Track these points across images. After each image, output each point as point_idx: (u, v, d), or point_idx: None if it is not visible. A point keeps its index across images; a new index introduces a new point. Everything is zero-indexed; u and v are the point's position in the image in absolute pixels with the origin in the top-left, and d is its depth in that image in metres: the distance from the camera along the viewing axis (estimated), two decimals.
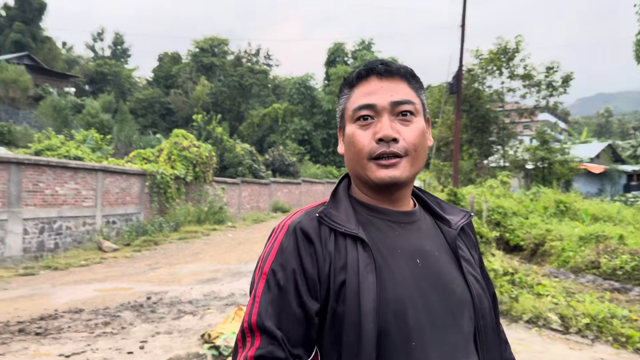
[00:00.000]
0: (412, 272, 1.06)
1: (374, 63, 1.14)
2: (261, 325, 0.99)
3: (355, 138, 1.10)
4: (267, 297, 1.02)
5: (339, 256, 1.04)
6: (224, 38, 50.29)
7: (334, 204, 1.13)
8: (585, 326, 5.74)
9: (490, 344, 1.13)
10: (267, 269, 1.05)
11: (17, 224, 11.31)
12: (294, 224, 1.08)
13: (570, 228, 10.79)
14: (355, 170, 1.13)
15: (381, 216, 1.13)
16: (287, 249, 1.04)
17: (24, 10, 51.66)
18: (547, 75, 24.52)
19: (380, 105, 1.09)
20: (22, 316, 6.50)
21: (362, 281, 1.00)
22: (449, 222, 1.20)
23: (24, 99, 35.91)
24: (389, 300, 1.01)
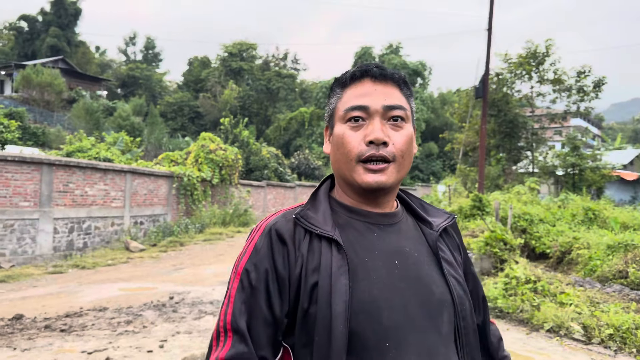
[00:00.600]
0: (390, 273, 1.06)
1: (368, 65, 1.15)
2: (235, 326, 1.02)
3: (345, 139, 1.10)
4: (240, 296, 1.04)
5: (312, 258, 1.05)
6: (252, 43, 50.79)
7: (313, 206, 1.15)
8: (608, 337, 5.61)
9: (471, 346, 1.13)
10: (241, 269, 1.07)
11: (48, 223, 11.64)
12: (270, 225, 1.10)
13: (598, 236, 10.54)
14: (341, 172, 1.13)
15: (360, 218, 1.14)
16: (261, 250, 1.07)
17: (59, 15, 53.19)
18: (578, 80, 24.01)
19: (373, 107, 1.10)
20: (48, 313, 6.70)
21: (334, 283, 1.01)
22: (430, 224, 1.21)
23: (58, 102, 36.91)
24: (364, 301, 1.02)
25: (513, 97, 24.72)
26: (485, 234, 9.55)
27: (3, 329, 5.89)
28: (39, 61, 42.08)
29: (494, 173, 23.85)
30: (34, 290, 8.38)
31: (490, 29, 16.88)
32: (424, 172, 49.14)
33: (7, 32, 57.38)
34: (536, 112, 27.61)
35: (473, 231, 11.01)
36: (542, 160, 25.63)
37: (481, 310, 1.29)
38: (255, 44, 50.84)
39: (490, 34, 16.90)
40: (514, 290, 7.12)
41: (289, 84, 49.30)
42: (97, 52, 63.96)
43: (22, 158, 11.15)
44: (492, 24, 16.90)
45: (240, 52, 49.78)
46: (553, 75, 24.30)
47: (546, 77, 24.53)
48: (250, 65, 49.65)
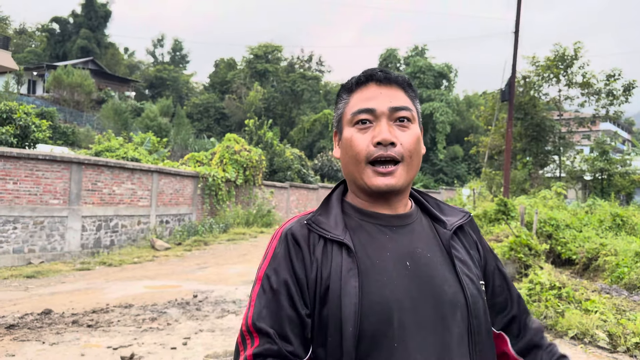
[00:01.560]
0: (401, 275, 1.08)
1: (373, 70, 1.18)
2: (257, 327, 1.05)
3: (354, 141, 1.13)
4: (261, 300, 1.07)
5: (325, 261, 1.08)
6: (277, 45, 51.10)
7: (324, 211, 1.18)
8: (634, 345, 5.50)
9: (483, 345, 1.13)
10: (262, 274, 1.11)
11: (76, 221, 11.91)
12: (286, 231, 1.14)
13: (626, 243, 10.33)
14: (352, 174, 1.16)
15: (372, 220, 1.16)
16: (279, 255, 1.10)
17: (90, 17, 54.34)
18: (608, 84, 23.55)
19: (379, 109, 1.12)
20: (76, 308, 6.87)
21: (344, 286, 1.04)
22: (444, 223, 1.22)
23: (87, 102, 37.71)
24: (374, 302, 1.04)
25: (540, 101, 24.36)
26: (509, 239, 9.45)
27: (32, 323, 6.07)
28: (70, 62, 43.07)
29: (520, 177, 23.53)
30: (62, 286, 8.59)
31: (517, 31, 16.68)
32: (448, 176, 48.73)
33: (39, 34, 58.91)
34: (564, 116, 27.17)
35: (497, 236, 10.90)
36: (570, 164, 25.21)
37: (514, 303, 1.28)
38: (280, 46, 51.17)
39: (517, 36, 16.71)
40: (538, 296, 7.03)
41: (313, 85, 49.47)
42: (125, 53, 65.15)
43: (53, 157, 11.44)
44: (519, 27, 16.69)
45: (265, 54, 50.15)
46: (582, 78, 23.90)
47: (574, 80, 24.14)
48: (276, 67, 49.97)
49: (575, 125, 26.27)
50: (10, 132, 12.06)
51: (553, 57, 23.65)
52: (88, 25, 54.20)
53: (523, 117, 23.82)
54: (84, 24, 54.13)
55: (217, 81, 54.62)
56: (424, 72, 49.13)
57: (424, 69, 49.33)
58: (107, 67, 50.96)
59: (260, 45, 50.63)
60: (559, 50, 23.59)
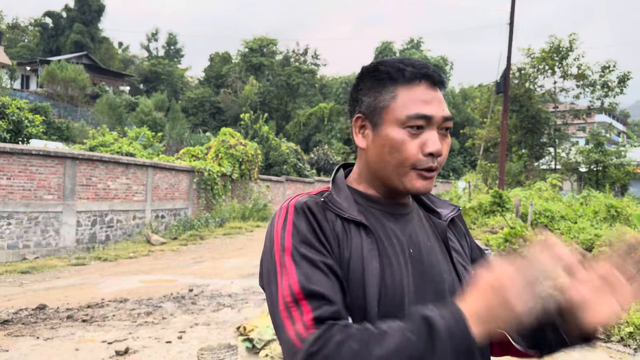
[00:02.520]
0: (406, 262, 1.07)
1: (428, 67, 1.10)
2: (307, 291, 0.96)
3: (405, 146, 1.06)
4: (301, 269, 0.99)
5: (346, 240, 1.05)
6: (272, 38, 50.94)
7: (336, 192, 1.14)
8: (628, 335, 5.53)
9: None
10: (289, 246, 1.02)
11: (71, 216, 11.87)
12: (300, 203, 1.07)
13: (620, 234, 10.38)
14: (386, 173, 1.10)
15: (378, 206, 1.14)
16: (302, 226, 1.03)
17: (83, 12, 54.02)
18: (603, 75, 23.57)
19: (435, 118, 1.07)
20: (71, 303, 6.85)
21: (366, 266, 1.01)
22: (439, 215, 1.23)
23: (82, 97, 37.53)
24: (389, 286, 1.02)
25: (535, 93, 24.38)
26: (504, 231, 9.48)
27: (27, 318, 6.06)
28: (63, 57, 42.81)
29: (515, 169, 23.58)
30: (57, 282, 8.57)
31: (512, 23, 16.65)
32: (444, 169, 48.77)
33: (32, 29, 58.55)
34: (559, 108, 27.21)
35: (492, 227, 10.94)
36: (565, 156, 25.27)
37: None
38: (275, 40, 50.98)
39: (512, 28, 16.67)
40: None
41: (309, 79, 49.34)
42: (120, 48, 64.82)
43: (46, 152, 11.39)
44: (514, 18, 16.66)
45: (260, 47, 49.97)
46: (577, 70, 23.92)
47: (570, 72, 24.17)
48: (271, 60, 49.82)
49: (570, 117, 26.32)
50: (3, 128, 11.99)
51: (548, 48, 23.66)
52: (81, 19, 53.87)
53: (518, 109, 23.84)
54: (77, 19, 53.79)
55: (212, 75, 54.44)
56: None
57: None
58: (101, 61, 50.69)
59: (255, 39, 50.45)
60: (554, 42, 23.59)
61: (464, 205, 13.25)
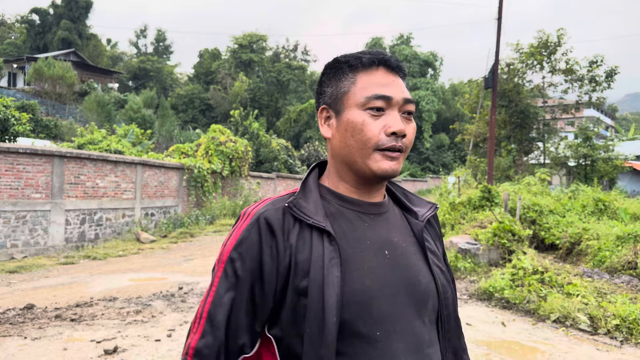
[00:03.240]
0: (380, 264, 1.07)
1: (384, 54, 1.14)
2: (212, 314, 1.02)
3: (366, 126, 1.08)
4: (223, 285, 1.04)
5: (302, 248, 1.04)
6: (262, 34, 50.70)
7: (304, 195, 1.13)
8: (614, 327, 5.60)
9: (451, 333, 1.16)
10: (226, 257, 1.06)
11: (60, 215, 11.79)
12: (259, 213, 1.08)
13: (608, 227, 10.47)
14: (352, 157, 1.11)
15: (352, 207, 1.13)
16: (248, 239, 1.04)
17: (70, 8, 53.47)
18: (590, 70, 23.73)
19: (395, 98, 1.09)
20: (59, 303, 6.81)
21: (326, 275, 1.01)
22: (416, 214, 1.21)
23: (70, 95, 37.19)
24: (355, 291, 1.02)
25: (524, 88, 24.50)
26: (493, 225, 9.53)
27: (14, 318, 6.01)
28: (51, 54, 42.38)
29: (505, 164, 23.71)
30: (45, 281, 8.51)
31: (500, 18, 16.71)
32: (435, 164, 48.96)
33: (19, 25, 57.87)
34: (549, 103, 27.37)
35: (482, 222, 10.98)
36: (554, 151, 25.43)
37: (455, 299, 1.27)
38: (265, 36, 50.76)
39: (500, 23, 16.73)
40: (521, 281, 7.11)
41: (299, 75, 49.22)
42: (108, 44, 64.29)
43: (34, 150, 11.29)
44: (502, 14, 16.72)
45: (250, 43, 49.75)
46: (565, 65, 24.05)
47: (558, 67, 24.28)
48: (261, 57, 49.62)
49: (559, 111, 26.48)
50: None
51: (537, 44, 23.76)
52: (69, 16, 53.33)
53: (507, 104, 23.94)
54: (64, 15, 53.24)
55: (202, 72, 54.13)
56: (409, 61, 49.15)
57: (409, 58, 49.35)
58: (89, 58, 50.25)
59: (245, 35, 50.20)
60: (543, 37, 23.70)
61: (454, 200, 13.29)
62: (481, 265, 8.95)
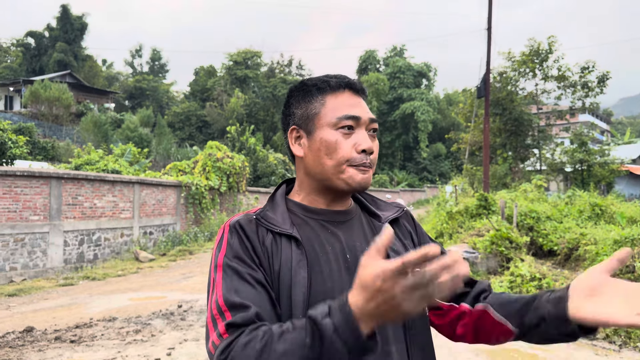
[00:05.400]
0: (341, 268, 1.14)
1: (348, 78, 1.25)
2: (229, 303, 1.03)
3: (339, 144, 1.17)
4: (226, 283, 1.06)
5: (276, 253, 1.12)
6: (257, 50, 51.07)
7: (271, 207, 1.22)
8: (613, 331, 5.61)
9: (417, 329, 1.19)
10: (221, 261, 1.11)
11: (58, 236, 11.79)
12: (233, 223, 1.16)
13: (605, 232, 10.49)
14: (326, 174, 1.19)
15: (315, 216, 1.22)
16: (234, 244, 1.12)
17: (66, 30, 53.83)
18: (582, 76, 23.93)
19: (363, 118, 1.19)
20: (59, 324, 6.81)
21: (294, 276, 1.09)
22: (379, 217, 1.30)
23: (66, 116, 37.31)
24: (318, 293, 1.09)
25: (517, 95, 24.67)
26: (490, 233, 9.56)
27: (14, 341, 6.01)
28: (47, 76, 42.59)
29: (501, 172, 23.78)
30: (45, 303, 8.51)
31: (490, 28, 16.90)
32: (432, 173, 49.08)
33: (14, 49, 58.18)
34: (543, 110, 27.53)
35: (479, 230, 11.01)
36: (550, 157, 25.53)
37: None
38: (260, 52, 51.13)
39: (490, 33, 16.92)
40: (519, 288, 7.13)
41: None
42: (104, 65, 64.63)
43: (31, 172, 11.32)
44: (492, 24, 16.93)
45: (245, 60, 50.08)
46: (557, 72, 24.24)
47: (550, 74, 24.48)
48: (256, 72, 49.93)
49: (554, 118, 26.63)
50: None
51: (528, 52, 23.97)
52: (64, 38, 53.67)
53: (501, 112, 24.08)
54: (60, 37, 53.59)
55: (198, 89, 54.41)
56: (403, 72, 49.46)
57: (403, 69, 49.66)
58: (85, 79, 50.48)
59: (239, 52, 50.55)
60: (534, 45, 23.91)
61: (451, 209, 13.33)
62: (480, 273, 8.96)
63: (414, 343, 1.17)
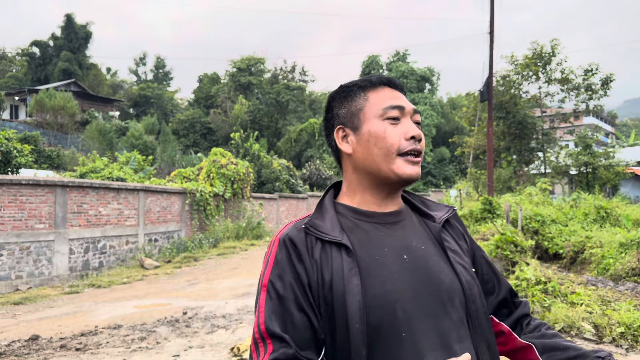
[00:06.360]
0: (400, 268, 1.14)
1: (386, 76, 1.29)
2: (270, 331, 1.07)
3: (388, 133, 1.20)
4: (269, 306, 1.11)
5: (326, 263, 1.13)
6: (260, 57, 51.18)
7: (320, 214, 1.22)
8: (619, 335, 5.58)
9: (482, 328, 1.19)
10: (266, 281, 1.14)
11: (64, 244, 11.84)
12: (283, 236, 1.17)
13: (611, 234, 10.46)
14: (376, 166, 1.21)
15: (367, 219, 1.22)
16: (281, 261, 1.14)
17: (70, 39, 54.19)
18: (586, 78, 23.88)
19: (407, 108, 1.23)
20: (64, 332, 6.82)
21: (346, 284, 1.09)
22: (433, 218, 1.29)
23: (71, 124, 37.52)
24: (377, 297, 1.09)
25: (521, 99, 24.64)
26: (495, 237, 9.53)
27: (19, 350, 6.02)
28: (52, 85, 42.87)
29: (505, 175, 23.73)
30: (50, 311, 8.53)
31: (492, 31, 16.92)
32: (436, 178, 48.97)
33: (20, 58, 58.62)
34: (547, 113, 27.48)
35: (484, 234, 10.98)
36: (555, 160, 25.46)
37: (502, 287, 1.36)
38: (263, 58, 51.23)
39: (492, 36, 16.94)
40: (525, 292, 7.10)
41: (298, 95, 49.57)
42: (108, 73, 64.99)
43: (36, 181, 11.38)
44: (494, 27, 16.93)
45: (248, 67, 50.21)
46: (560, 74, 24.21)
47: (553, 76, 24.45)
48: (259, 79, 50.04)
49: (558, 121, 26.58)
50: None
51: (531, 55, 23.96)
52: (69, 47, 54.03)
53: (505, 115, 24.06)
54: (64, 46, 53.95)
55: (202, 96, 54.57)
56: (406, 77, 49.49)
57: (406, 74, 49.69)
58: (89, 88, 50.78)
59: (243, 59, 50.68)
60: (537, 48, 23.91)
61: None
62: None
63: (481, 342, 1.17)
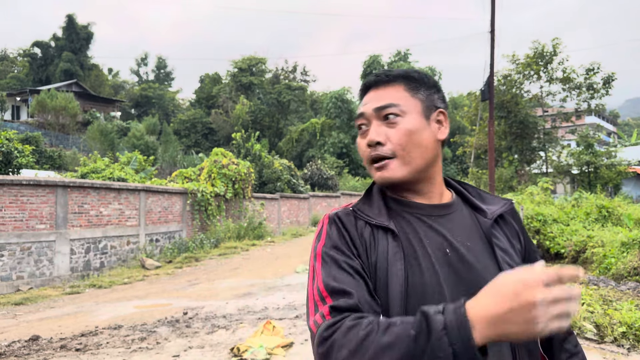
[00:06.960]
0: (440, 262, 1.10)
1: (369, 76, 1.26)
2: (329, 288, 1.04)
3: (359, 146, 1.22)
4: (326, 270, 1.08)
5: (373, 245, 1.12)
6: (261, 57, 51.18)
7: (367, 201, 1.23)
8: (621, 335, 5.55)
9: None
10: (320, 250, 1.13)
11: (65, 245, 11.84)
12: (332, 215, 1.18)
13: (612, 234, 10.42)
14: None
15: (412, 210, 1.19)
16: (334, 235, 1.14)
17: (71, 40, 54.28)
18: (587, 77, 23.83)
19: (367, 113, 1.20)
20: (64, 333, 6.81)
21: (390, 268, 1.08)
22: (485, 212, 1.23)
23: (73, 125, 37.56)
24: (415, 285, 1.07)
25: (522, 98, 24.59)
26: None
27: (20, 350, 6.02)
28: (53, 86, 42.93)
29: (507, 175, 23.68)
30: (51, 311, 8.53)
31: (493, 31, 16.87)
32: None
33: (21, 59, 58.72)
34: (549, 112, 27.43)
35: None
36: (556, 159, 25.41)
37: None
38: (264, 58, 51.23)
39: (493, 36, 16.89)
40: None
41: (299, 95, 49.56)
42: (109, 74, 65.05)
43: (37, 181, 11.38)
44: (495, 26, 16.89)
45: (249, 67, 50.21)
46: (562, 74, 24.16)
47: (555, 76, 24.40)
48: (260, 79, 50.04)
49: (559, 120, 26.54)
50: None
51: (532, 54, 23.91)
52: (70, 47, 54.11)
53: (506, 115, 24.02)
54: (66, 47, 54.03)
55: (203, 96, 54.60)
56: None
57: None
58: (91, 88, 50.84)
59: (244, 59, 50.68)
60: (538, 47, 23.86)
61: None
62: None
63: (521, 346, 1.12)
